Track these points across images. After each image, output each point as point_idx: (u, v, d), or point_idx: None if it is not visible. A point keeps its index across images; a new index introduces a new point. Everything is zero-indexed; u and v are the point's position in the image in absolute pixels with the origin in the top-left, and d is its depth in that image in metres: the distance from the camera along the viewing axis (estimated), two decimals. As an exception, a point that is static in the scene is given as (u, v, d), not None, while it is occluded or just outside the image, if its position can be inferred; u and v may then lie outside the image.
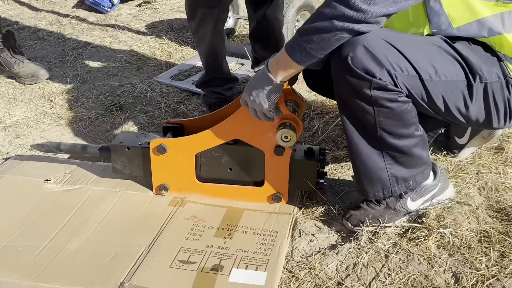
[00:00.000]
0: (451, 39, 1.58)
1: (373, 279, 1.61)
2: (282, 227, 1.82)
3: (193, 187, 1.98)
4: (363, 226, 1.76)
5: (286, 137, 1.80)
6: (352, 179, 2.08)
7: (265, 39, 2.51)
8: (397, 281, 1.59)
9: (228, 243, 1.74)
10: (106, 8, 3.93)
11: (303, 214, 1.91)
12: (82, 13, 3.95)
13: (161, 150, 1.92)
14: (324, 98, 2.61)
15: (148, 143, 1.97)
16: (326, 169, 1.99)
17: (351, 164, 1.74)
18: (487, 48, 1.59)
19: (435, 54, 1.55)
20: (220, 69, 2.43)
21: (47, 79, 2.93)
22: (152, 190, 2.00)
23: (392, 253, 1.68)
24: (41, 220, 1.84)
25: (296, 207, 1.92)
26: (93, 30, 3.62)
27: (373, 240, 1.73)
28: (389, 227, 1.77)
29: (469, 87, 1.57)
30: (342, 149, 2.24)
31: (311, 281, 1.62)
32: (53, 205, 1.92)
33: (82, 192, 1.99)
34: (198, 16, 2.28)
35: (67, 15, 3.89)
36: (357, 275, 1.63)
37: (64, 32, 3.59)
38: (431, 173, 1.81)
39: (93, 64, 3.12)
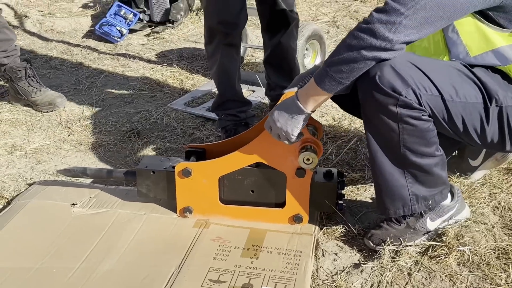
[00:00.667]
0: (470, 66, 1.68)
1: (398, 296, 1.67)
2: (305, 247, 1.88)
3: (216, 209, 2.04)
4: (384, 245, 1.83)
5: (308, 159, 1.87)
6: (370, 201, 2.15)
7: (279, 65, 2.61)
8: (421, 298, 1.65)
9: (255, 262, 1.80)
10: (115, 38, 4.03)
11: (324, 234, 1.97)
12: (92, 43, 4.04)
13: (186, 173, 1.99)
14: (336, 122, 2.69)
15: (173, 167, 2.04)
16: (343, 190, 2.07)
17: (372, 181, 1.81)
18: (504, 75, 1.68)
19: (455, 76, 1.64)
20: (234, 91, 2.51)
21: (63, 106, 3.00)
22: (176, 213, 2.06)
23: (414, 271, 1.74)
24: (71, 243, 1.90)
25: (316, 227, 1.98)
26: (104, 59, 3.71)
27: (395, 258, 1.79)
28: (410, 246, 1.84)
29: (486, 109, 1.65)
30: (356, 172, 2.31)
31: (337, 299, 1.68)
32: (82, 228, 1.98)
33: (108, 215, 2.04)
34: (215, 41, 2.39)
35: (78, 45, 3.98)
36: (381, 292, 1.69)
37: (76, 61, 3.68)
38: (449, 194, 1.89)
39: (108, 91, 3.20)
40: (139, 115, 2.89)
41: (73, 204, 2.10)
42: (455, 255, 1.76)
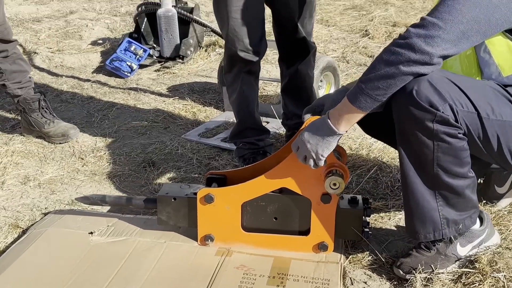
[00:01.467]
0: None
1: (433, 324, 1.61)
2: (332, 275, 1.82)
3: (239, 237, 1.99)
4: (415, 272, 1.77)
5: (334, 184, 1.83)
6: (395, 229, 2.10)
7: (297, 94, 2.60)
8: (458, 326, 1.59)
9: (283, 290, 1.74)
10: (126, 73, 4.03)
11: (350, 263, 1.91)
12: (102, 77, 4.04)
13: (208, 199, 1.94)
14: (353, 152, 2.67)
15: (194, 193, 1.99)
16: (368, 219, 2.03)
17: (400, 207, 1.77)
18: None
19: (491, 94, 1.63)
20: (253, 119, 2.50)
21: (76, 138, 2.97)
22: (196, 241, 2.00)
23: (448, 299, 1.69)
24: (91, 271, 1.84)
25: (342, 256, 1.93)
26: (115, 93, 3.70)
27: (427, 286, 1.74)
28: (442, 273, 1.78)
29: None
30: (379, 200, 2.27)
31: (370, 328, 1.61)
32: (101, 256, 1.92)
33: (128, 244, 1.99)
34: (235, 69, 2.39)
35: (88, 80, 3.98)
36: (416, 321, 1.62)
37: (86, 95, 3.67)
38: (478, 220, 1.84)
39: (120, 123, 3.18)
40: (154, 146, 2.86)
41: (91, 233, 2.05)
42: (490, 282, 1.71)
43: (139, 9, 4.43)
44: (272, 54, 4.19)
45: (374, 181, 2.42)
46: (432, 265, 1.79)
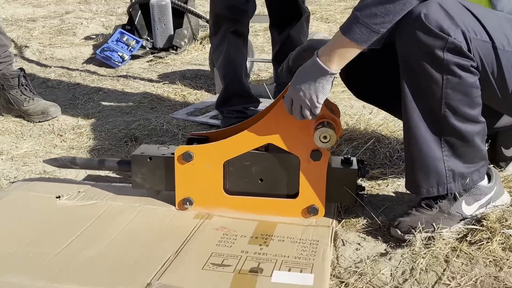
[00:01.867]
0: None
1: (436, 282, 1.41)
2: (322, 237, 1.63)
3: (220, 201, 1.79)
4: (415, 231, 1.58)
5: (325, 137, 1.65)
6: (393, 195, 1.91)
7: None
8: (464, 284, 1.39)
9: (265, 249, 1.54)
10: (116, 63, 3.89)
11: (342, 227, 1.72)
12: (92, 67, 3.89)
13: (186, 157, 1.76)
14: (351, 127, 2.48)
15: (172, 153, 1.82)
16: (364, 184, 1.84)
17: (404, 152, 1.58)
18: None
19: (506, 25, 1.46)
20: (241, 84, 2.32)
21: (57, 117, 2.81)
22: (174, 206, 1.82)
23: (452, 258, 1.49)
24: (53, 231, 1.65)
25: (334, 221, 1.73)
26: (104, 80, 3.55)
27: (428, 245, 1.54)
28: (445, 232, 1.59)
29: None
30: (376, 169, 2.08)
31: (364, 287, 1.41)
32: (67, 217, 1.73)
33: (97, 207, 1.80)
34: (222, 30, 2.23)
35: (77, 69, 3.84)
36: (416, 279, 1.43)
37: (74, 82, 3.52)
38: (485, 177, 1.66)
39: (105, 104, 3.02)
40: (138, 123, 2.69)
41: (59, 197, 1.86)
42: (499, 240, 1.51)
43: (132, 0, 4.31)
44: (268, 46, 4.04)
45: (372, 152, 2.23)
46: (433, 224, 1.59)
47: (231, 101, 2.34)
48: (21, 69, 2.87)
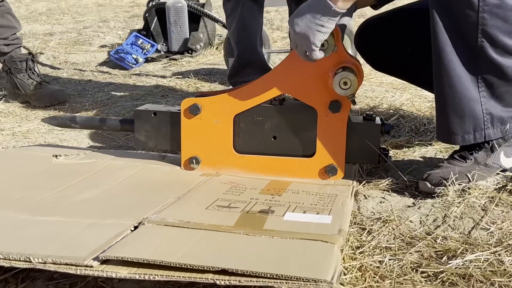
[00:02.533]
0: None
1: (473, 228, 1.23)
2: (341, 192, 1.45)
3: (230, 160, 1.64)
4: (447, 182, 1.40)
5: (345, 82, 1.50)
6: (421, 159, 1.73)
7: None
8: (506, 227, 1.20)
9: (277, 198, 1.37)
10: (130, 64, 3.80)
11: (364, 186, 1.55)
12: (105, 69, 3.81)
13: (194, 110, 1.62)
14: (373, 107, 2.32)
15: (179, 109, 1.68)
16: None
17: (434, 94, 1.40)
18: None
19: None
20: (255, 53, 2.17)
21: (64, 102, 2.70)
22: (180, 166, 1.66)
23: (491, 206, 1.30)
24: (46, 180, 1.50)
25: (355, 181, 1.56)
26: (116, 77, 3.45)
27: (463, 195, 1.36)
28: (481, 183, 1.41)
29: None
30: (402, 138, 1.91)
31: (390, 233, 1.23)
32: (62, 171, 1.59)
33: (97, 164, 1.65)
34: None
35: (90, 70, 3.76)
36: (449, 225, 1.24)
37: (86, 79, 3.43)
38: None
39: (115, 94, 2.91)
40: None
41: (56, 156, 1.72)
42: (544, 189, 1.33)
43: (149, 4, 4.26)
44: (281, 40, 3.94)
45: (396, 126, 2.07)
46: (468, 175, 1.41)
47: (245, 71, 2.19)
48: (30, 53, 2.79)
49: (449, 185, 1.39)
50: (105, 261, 0.97)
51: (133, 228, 1.13)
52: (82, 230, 1.12)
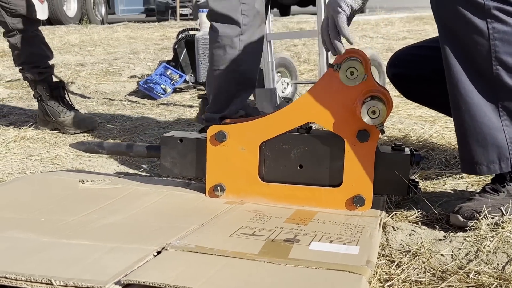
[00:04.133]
0: None
1: (507, 263, 1.18)
2: (369, 223, 1.42)
3: (255, 188, 1.62)
4: (480, 216, 1.35)
5: (374, 111, 1.47)
6: (451, 191, 1.69)
7: None
8: (544, 263, 1.15)
9: (303, 227, 1.35)
10: (158, 94, 3.84)
11: (392, 218, 1.51)
12: (134, 98, 3.86)
13: (220, 137, 1.61)
14: (402, 139, 2.29)
15: (205, 136, 1.67)
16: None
17: (455, 127, 1.38)
18: None
19: None
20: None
21: (93, 129, 2.73)
22: (204, 194, 1.65)
23: (526, 241, 1.25)
24: (71, 205, 1.50)
25: (383, 212, 1.52)
26: (145, 107, 3.49)
27: (496, 229, 1.31)
28: (515, 217, 1.36)
29: None
30: (432, 170, 1.87)
31: (420, 267, 1.19)
32: (88, 196, 1.58)
33: (122, 189, 1.65)
34: None
35: (119, 100, 3.81)
36: (482, 260, 1.20)
37: (115, 108, 3.47)
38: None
39: (142, 122, 2.93)
40: (174, 134, 2.57)
41: (82, 181, 1.72)
42: None
43: (179, 36, 4.32)
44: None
45: (426, 158, 2.02)
46: (501, 208, 1.37)
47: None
48: (61, 81, 2.83)
49: (482, 218, 1.34)
50: (126, 286, 0.95)
51: (156, 254, 1.11)
52: (104, 254, 1.11)
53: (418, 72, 1.71)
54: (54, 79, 2.81)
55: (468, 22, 1.26)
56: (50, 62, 2.80)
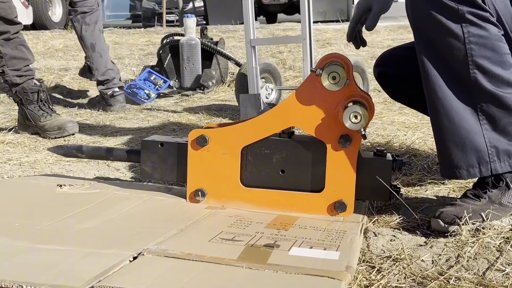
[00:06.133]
0: None
1: (487, 269, 1.17)
2: (350, 228, 1.40)
3: (236, 193, 1.60)
4: (461, 221, 1.34)
5: (355, 116, 1.47)
6: (433, 197, 1.68)
7: None
8: (524, 269, 1.14)
9: (283, 232, 1.33)
10: (142, 99, 3.81)
11: (374, 224, 1.50)
12: (118, 104, 3.83)
13: (201, 141, 1.59)
14: (383, 143, 2.28)
15: (186, 141, 1.65)
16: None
17: (433, 132, 1.37)
18: None
19: None
20: None
21: (73, 134, 2.69)
22: (185, 199, 1.62)
23: (506, 248, 1.25)
24: (47, 209, 1.47)
25: (365, 217, 1.51)
26: (127, 111, 3.45)
27: (477, 235, 1.30)
28: (496, 222, 1.35)
29: None
30: (413, 176, 1.86)
31: (400, 272, 1.18)
32: (65, 200, 1.56)
33: (101, 194, 1.62)
34: None
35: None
36: (463, 265, 1.19)
37: (96, 113, 3.43)
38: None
39: (125, 126, 2.90)
40: (156, 139, 2.54)
41: (60, 185, 1.69)
42: None
43: (163, 41, 4.30)
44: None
45: (408, 164, 2.02)
46: (482, 214, 1.36)
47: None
48: (41, 84, 2.79)
49: (463, 224, 1.33)
50: (100, 292, 0.93)
51: (132, 259, 1.09)
52: (80, 259, 1.08)
53: (403, 72, 1.70)
54: (36, 83, 2.78)
55: (443, 26, 1.26)
56: (32, 66, 2.76)
